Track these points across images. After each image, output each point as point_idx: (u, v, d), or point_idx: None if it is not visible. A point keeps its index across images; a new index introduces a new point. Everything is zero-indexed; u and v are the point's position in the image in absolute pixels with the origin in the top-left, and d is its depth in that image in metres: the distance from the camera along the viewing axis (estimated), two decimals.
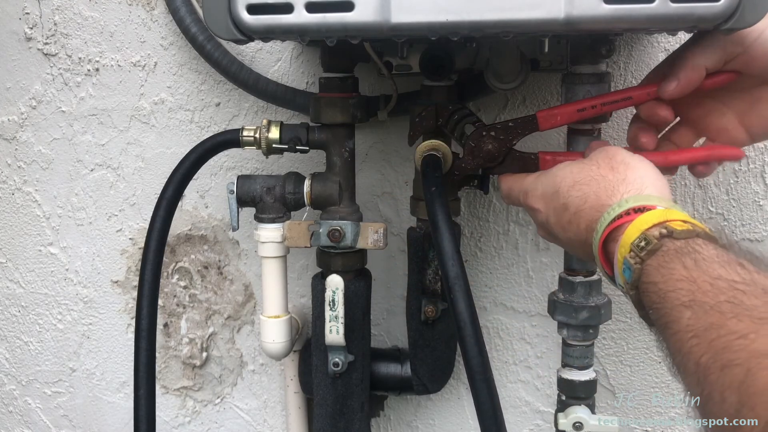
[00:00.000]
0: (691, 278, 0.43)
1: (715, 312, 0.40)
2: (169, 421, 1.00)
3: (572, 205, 0.55)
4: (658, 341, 0.47)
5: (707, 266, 0.43)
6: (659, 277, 0.45)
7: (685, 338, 0.41)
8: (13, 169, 0.95)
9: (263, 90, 0.83)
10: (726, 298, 0.40)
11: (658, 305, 0.45)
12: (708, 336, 0.40)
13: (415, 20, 0.52)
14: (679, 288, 0.43)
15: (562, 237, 0.58)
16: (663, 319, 0.44)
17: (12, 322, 1.01)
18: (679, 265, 0.44)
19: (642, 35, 0.78)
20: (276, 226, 0.75)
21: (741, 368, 0.36)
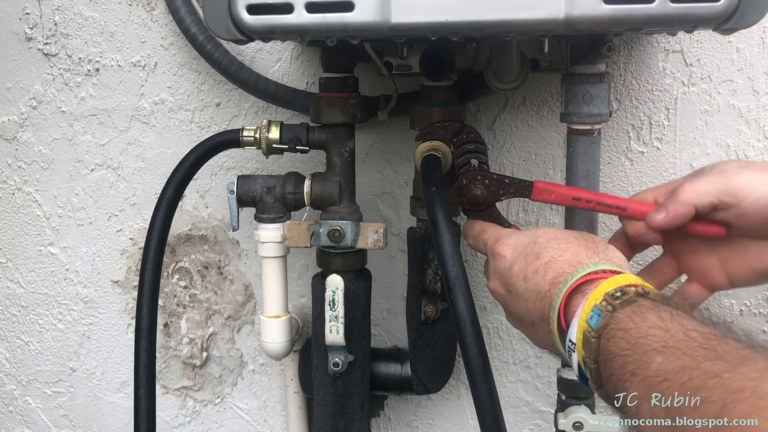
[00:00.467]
0: (665, 327, 0.43)
1: (687, 357, 0.40)
2: (170, 421, 1.00)
3: (546, 255, 0.55)
4: (618, 409, 0.45)
5: (681, 319, 0.43)
6: (631, 324, 0.45)
7: (654, 383, 0.40)
8: (14, 169, 0.95)
9: (263, 90, 0.83)
10: (699, 345, 0.40)
11: (627, 352, 0.44)
12: (680, 378, 0.39)
13: (415, 20, 0.52)
14: (651, 335, 0.43)
15: (518, 287, 0.56)
16: (629, 366, 0.43)
17: (12, 322, 1.01)
18: (654, 315, 0.44)
19: (642, 35, 0.78)
20: (276, 226, 0.75)
21: (716, 404, 0.35)
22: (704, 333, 0.41)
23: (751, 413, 0.33)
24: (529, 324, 0.57)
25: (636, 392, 0.42)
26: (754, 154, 0.79)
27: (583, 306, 0.49)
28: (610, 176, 0.82)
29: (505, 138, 0.84)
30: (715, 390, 0.36)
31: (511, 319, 0.62)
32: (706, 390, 0.37)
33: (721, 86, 0.79)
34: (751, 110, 0.79)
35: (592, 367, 0.47)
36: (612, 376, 0.45)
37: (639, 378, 0.42)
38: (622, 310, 0.46)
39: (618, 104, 0.81)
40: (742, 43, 0.77)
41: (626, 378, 0.43)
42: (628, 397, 0.43)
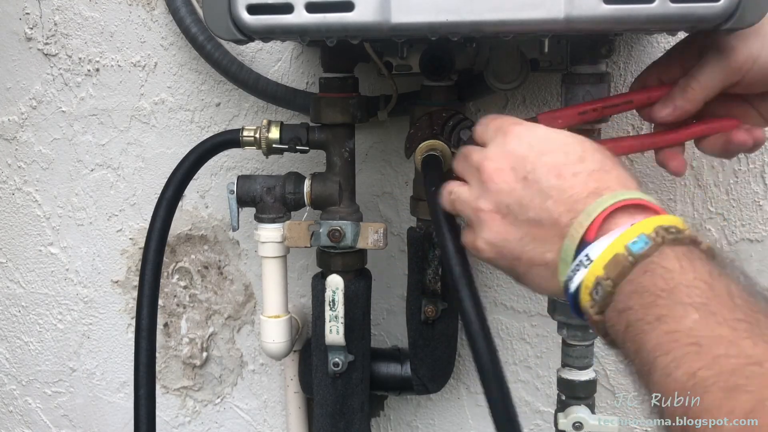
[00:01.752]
0: (711, 284, 0.38)
1: (727, 327, 0.36)
2: (170, 421, 1.00)
3: (592, 163, 0.47)
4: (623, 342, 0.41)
5: (729, 281, 0.39)
6: (677, 265, 0.40)
7: (683, 341, 0.36)
8: (14, 169, 0.95)
9: (263, 90, 0.83)
10: (743, 317, 0.36)
11: (662, 293, 0.39)
12: (714, 349, 0.35)
13: (415, 20, 0.52)
14: (694, 286, 0.38)
15: (544, 179, 0.47)
16: (658, 309, 0.38)
17: (12, 322, 1.01)
18: (703, 266, 0.40)
19: (642, 35, 0.78)
20: (276, 226, 0.75)
21: (751, 396, 0.32)
22: (749, 303, 0.37)
23: None
24: (531, 222, 0.48)
25: (656, 343, 0.37)
26: (754, 154, 0.79)
27: (628, 228, 0.42)
28: None
29: None
30: (752, 379, 0.33)
31: (499, 212, 0.50)
32: (743, 377, 0.33)
33: None
34: None
35: (607, 290, 0.41)
36: (630, 311, 0.40)
37: (666, 328, 0.37)
38: (672, 247, 0.41)
39: None
40: None
41: (649, 321, 0.38)
42: (645, 347, 0.38)
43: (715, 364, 0.34)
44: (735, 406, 0.32)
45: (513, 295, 0.89)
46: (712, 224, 0.82)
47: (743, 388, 0.32)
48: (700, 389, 0.34)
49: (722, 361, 0.34)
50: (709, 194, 0.82)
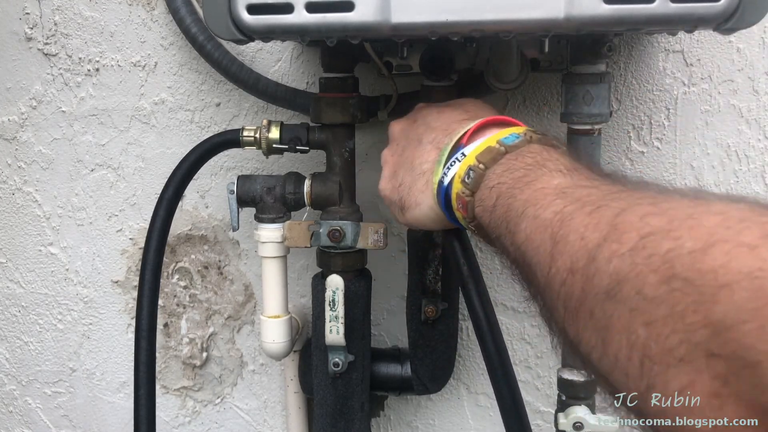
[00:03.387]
0: (573, 163, 0.44)
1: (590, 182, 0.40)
2: (169, 421, 1.00)
3: (468, 105, 0.58)
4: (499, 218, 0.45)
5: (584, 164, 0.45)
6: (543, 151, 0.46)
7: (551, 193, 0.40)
8: (14, 169, 0.95)
9: (263, 90, 0.83)
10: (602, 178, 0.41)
11: (530, 167, 0.44)
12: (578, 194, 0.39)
13: (416, 20, 0.52)
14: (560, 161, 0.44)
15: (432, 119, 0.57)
16: (528, 179, 0.43)
17: (12, 322, 1.01)
18: (565, 154, 0.46)
19: (642, 35, 0.78)
20: (276, 226, 0.75)
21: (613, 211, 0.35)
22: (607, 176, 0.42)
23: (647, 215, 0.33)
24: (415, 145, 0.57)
25: (525, 199, 0.42)
26: (754, 154, 0.79)
27: (500, 131, 0.50)
28: None
29: None
30: (614, 201, 0.36)
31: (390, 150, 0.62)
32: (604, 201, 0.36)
33: (721, 86, 0.79)
34: (751, 110, 0.79)
35: (478, 171, 0.47)
36: (502, 184, 0.45)
37: (535, 187, 0.42)
38: (539, 143, 0.48)
39: (618, 104, 0.81)
40: (742, 42, 0.77)
41: (519, 187, 0.43)
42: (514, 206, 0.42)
43: (578, 201, 0.38)
44: (600, 218, 0.35)
45: (513, 295, 0.88)
46: None
47: (606, 207, 0.35)
48: (567, 217, 0.37)
49: (586, 199, 0.38)
50: None
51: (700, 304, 0.28)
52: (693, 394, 0.28)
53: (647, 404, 0.30)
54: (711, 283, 0.28)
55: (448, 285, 0.80)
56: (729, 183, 0.81)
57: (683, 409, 0.28)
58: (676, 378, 0.28)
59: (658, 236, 0.31)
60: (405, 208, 0.57)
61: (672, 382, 0.29)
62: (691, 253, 0.29)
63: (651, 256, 0.31)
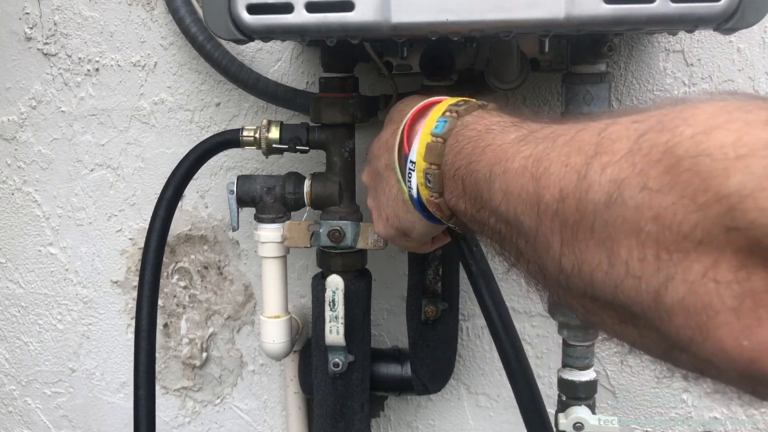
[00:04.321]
0: (512, 119, 0.43)
1: (545, 125, 0.39)
2: (169, 421, 1.00)
3: (394, 114, 0.59)
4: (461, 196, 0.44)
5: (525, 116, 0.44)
6: (480, 121, 0.45)
7: (513, 146, 0.39)
8: (13, 169, 0.95)
9: (263, 90, 0.83)
10: (552, 124, 0.40)
11: (477, 137, 0.43)
12: (542, 132, 0.38)
13: (416, 20, 0.52)
14: (501, 121, 0.43)
15: (375, 149, 0.59)
16: (482, 146, 0.42)
17: (12, 323, 1.01)
18: (500, 114, 0.45)
19: (643, 35, 0.78)
20: (276, 226, 0.75)
21: (593, 129, 0.33)
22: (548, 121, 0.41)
23: (633, 122, 0.31)
24: (379, 179, 0.58)
25: (488, 162, 0.41)
26: None
27: (426, 122, 0.49)
28: None
29: None
30: (590, 124, 0.34)
31: (370, 197, 0.63)
32: (577, 128, 0.35)
33: (721, 86, 0.78)
34: None
35: (434, 173, 0.46)
36: (459, 168, 0.44)
37: (494, 148, 0.41)
38: (468, 115, 0.46)
39: (618, 104, 0.80)
40: (742, 42, 0.77)
41: (475, 158, 0.42)
42: (481, 172, 0.41)
43: (547, 139, 0.37)
44: (581, 142, 0.33)
45: (513, 295, 0.88)
46: None
47: (584, 131, 0.34)
48: (542, 154, 0.36)
49: (554, 135, 0.36)
50: None
51: (711, 180, 0.26)
52: (718, 272, 0.27)
53: (662, 301, 0.28)
54: (722, 157, 0.26)
55: (448, 285, 0.80)
56: None
57: (708, 290, 0.27)
58: (698, 261, 0.27)
59: (653, 132, 0.30)
60: (406, 233, 0.58)
61: (694, 267, 0.27)
62: (693, 137, 0.28)
63: (650, 151, 0.29)
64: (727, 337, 0.26)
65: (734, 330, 0.26)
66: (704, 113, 0.28)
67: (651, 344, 0.32)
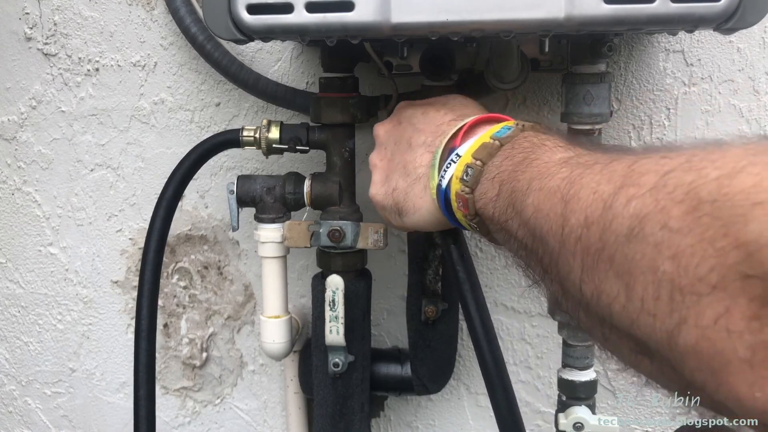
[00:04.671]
0: (571, 142, 0.44)
1: (592, 157, 0.39)
2: (169, 421, 1.00)
3: (454, 103, 0.58)
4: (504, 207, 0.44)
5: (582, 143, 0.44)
6: (538, 137, 0.46)
7: (555, 166, 0.40)
8: (13, 169, 0.95)
9: (263, 90, 0.83)
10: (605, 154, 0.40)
11: (529, 150, 0.44)
12: (584, 159, 0.38)
13: (416, 20, 0.52)
14: (557, 143, 0.44)
15: (418, 120, 0.57)
16: (529, 160, 0.43)
17: (12, 323, 1.01)
18: (561, 136, 0.46)
19: (643, 35, 0.78)
20: (276, 226, 0.75)
21: (626, 161, 0.34)
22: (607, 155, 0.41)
23: (663, 158, 0.32)
24: (405, 151, 0.57)
25: (530, 176, 0.41)
26: None
27: (491, 127, 0.50)
28: None
29: None
30: (625, 155, 0.35)
31: (379, 154, 0.61)
32: (614, 157, 0.36)
33: (721, 86, 0.78)
34: (752, 110, 0.78)
35: (476, 168, 0.47)
36: (503, 171, 0.45)
37: (537, 164, 0.42)
38: (532, 131, 0.48)
39: (618, 104, 0.80)
40: (742, 42, 0.77)
41: (520, 168, 0.43)
42: (519, 186, 0.42)
43: (585, 164, 0.37)
44: (612, 172, 0.34)
45: (513, 295, 0.88)
46: None
47: (617, 162, 0.35)
48: (576, 178, 0.37)
49: (593, 162, 0.37)
50: None
51: (730, 226, 0.26)
52: (730, 321, 0.26)
53: (675, 343, 0.28)
54: (742, 203, 0.26)
55: (448, 285, 0.80)
56: None
57: (720, 337, 0.27)
58: (710, 306, 0.27)
59: (679, 171, 0.30)
60: (403, 213, 0.57)
61: (707, 312, 0.27)
62: (717, 179, 0.28)
63: (674, 190, 0.29)
64: (741, 387, 0.26)
65: (747, 380, 0.26)
66: (731, 155, 0.28)
67: (667, 380, 0.32)
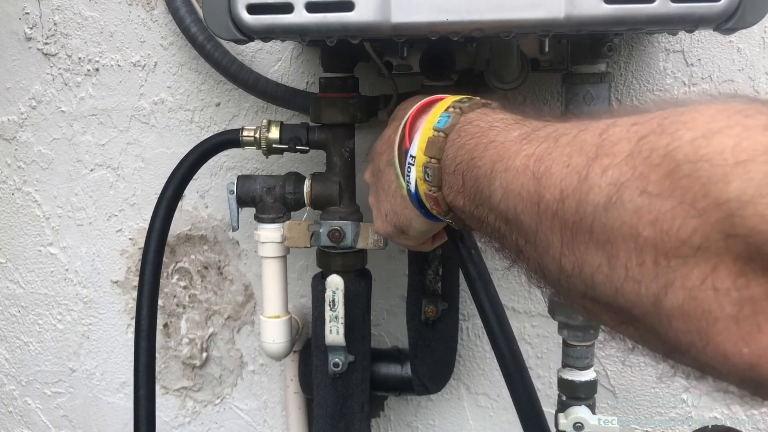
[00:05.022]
0: (515, 117, 0.43)
1: (549, 127, 0.39)
2: (169, 421, 1.00)
3: (397, 112, 0.59)
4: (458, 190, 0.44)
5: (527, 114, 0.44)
6: (483, 118, 0.45)
7: (514, 144, 0.39)
8: (13, 169, 0.95)
9: (263, 90, 0.83)
10: (554, 122, 0.40)
11: (480, 133, 0.43)
12: (544, 131, 0.37)
13: (416, 20, 0.52)
14: (504, 119, 0.43)
15: (377, 147, 0.59)
16: (484, 143, 0.42)
17: (12, 323, 1.01)
18: (504, 112, 0.45)
19: (643, 35, 0.78)
20: (276, 226, 0.75)
21: (594, 130, 0.33)
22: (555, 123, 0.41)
23: (633, 124, 0.31)
24: (380, 175, 0.58)
25: (490, 159, 0.40)
26: None
27: (428, 117, 0.49)
28: None
29: None
30: (591, 124, 0.34)
31: (371, 195, 0.63)
32: (579, 127, 0.35)
33: (722, 86, 0.78)
34: None
35: (434, 167, 0.46)
36: (460, 163, 0.44)
37: (496, 145, 0.41)
38: (471, 112, 0.46)
39: (618, 104, 0.80)
40: (742, 42, 0.77)
41: (477, 154, 0.42)
42: (482, 170, 0.41)
43: (549, 138, 0.36)
44: (582, 142, 0.33)
45: (513, 295, 0.88)
46: None
47: (585, 131, 0.34)
48: (544, 153, 0.36)
49: (556, 134, 0.36)
50: None
51: (710, 186, 0.26)
52: (717, 279, 0.26)
53: (662, 306, 0.28)
54: (721, 163, 0.26)
55: (448, 285, 0.80)
56: None
57: (707, 296, 0.27)
58: (696, 267, 0.27)
59: (653, 135, 0.29)
60: (404, 231, 0.57)
61: (693, 273, 0.27)
62: (693, 141, 0.27)
63: (650, 154, 0.29)
64: (727, 344, 0.27)
65: (734, 337, 0.26)
66: (704, 117, 0.28)
67: (652, 345, 0.32)
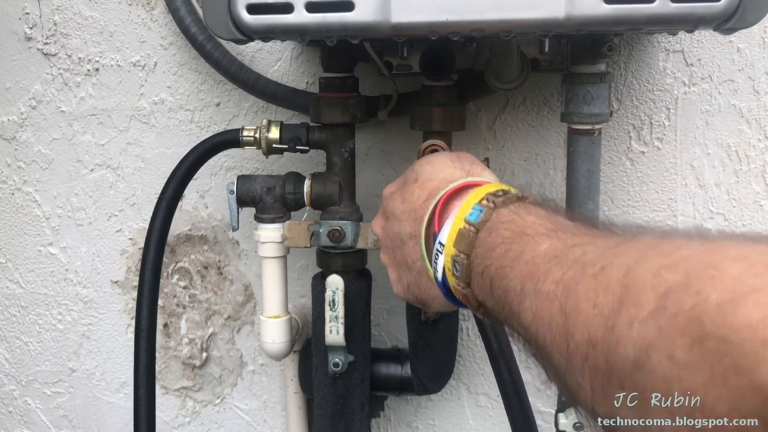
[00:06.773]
0: (551, 218, 0.42)
1: (579, 237, 0.38)
2: (169, 421, 1.00)
3: (422, 177, 0.55)
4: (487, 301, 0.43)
5: (564, 216, 0.43)
6: (515, 217, 0.43)
7: (542, 262, 0.38)
8: (13, 169, 0.95)
9: (263, 90, 0.83)
10: (588, 232, 0.39)
11: (510, 240, 0.42)
12: (572, 255, 0.36)
13: (416, 20, 0.52)
14: (538, 224, 0.42)
15: (396, 209, 0.55)
16: (513, 252, 0.41)
17: (12, 323, 1.01)
18: (538, 209, 0.44)
19: (643, 35, 0.78)
20: (276, 226, 0.75)
21: (618, 269, 0.32)
22: (586, 226, 0.40)
23: (660, 269, 0.30)
24: (399, 246, 0.56)
25: (519, 274, 0.39)
26: (754, 154, 0.79)
27: (461, 205, 0.47)
28: (610, 176, 0.82)
29: (506, 138, 0.84)
30: (618, 257, 0.33)
31: (385, 254, 0.60)
32: (606, 258, 0.34)
33: (721, 86, 0.78)
34: (752, 110, 0.78)
35: (463, 263, 0.45)
36: (489, 266, 0.43)
37: (524, 260, 0.39)
38: (505, 207, 0.45)
39: (618, 104, 0.80)
40: (742, 42, 0.77)
41: (507, 264, 0.41)
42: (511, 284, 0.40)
43: (576, 263, 0.35)
44: (608, 280, 0.32)
45: None
46: (712, 224, 0.82)
47: (611, 267, 0.33)
48: (571, 284, 0.35)
49: (584, 259, 0.35)
50: (710, 194, 0.81)
51: (741, 361, 0.25)
52: None
53: None
54: (750, 339, 0.25)
55: None
56: (729, 183, 0.81)
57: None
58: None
59: (678, 292, 0.28)
60: (426, 304, 0.56)
61: None
62: (719, 306, 0.26)
63: (675, 316, 0.28)
64: None
65: None
66: (730, 274, 0.27)
67: None
